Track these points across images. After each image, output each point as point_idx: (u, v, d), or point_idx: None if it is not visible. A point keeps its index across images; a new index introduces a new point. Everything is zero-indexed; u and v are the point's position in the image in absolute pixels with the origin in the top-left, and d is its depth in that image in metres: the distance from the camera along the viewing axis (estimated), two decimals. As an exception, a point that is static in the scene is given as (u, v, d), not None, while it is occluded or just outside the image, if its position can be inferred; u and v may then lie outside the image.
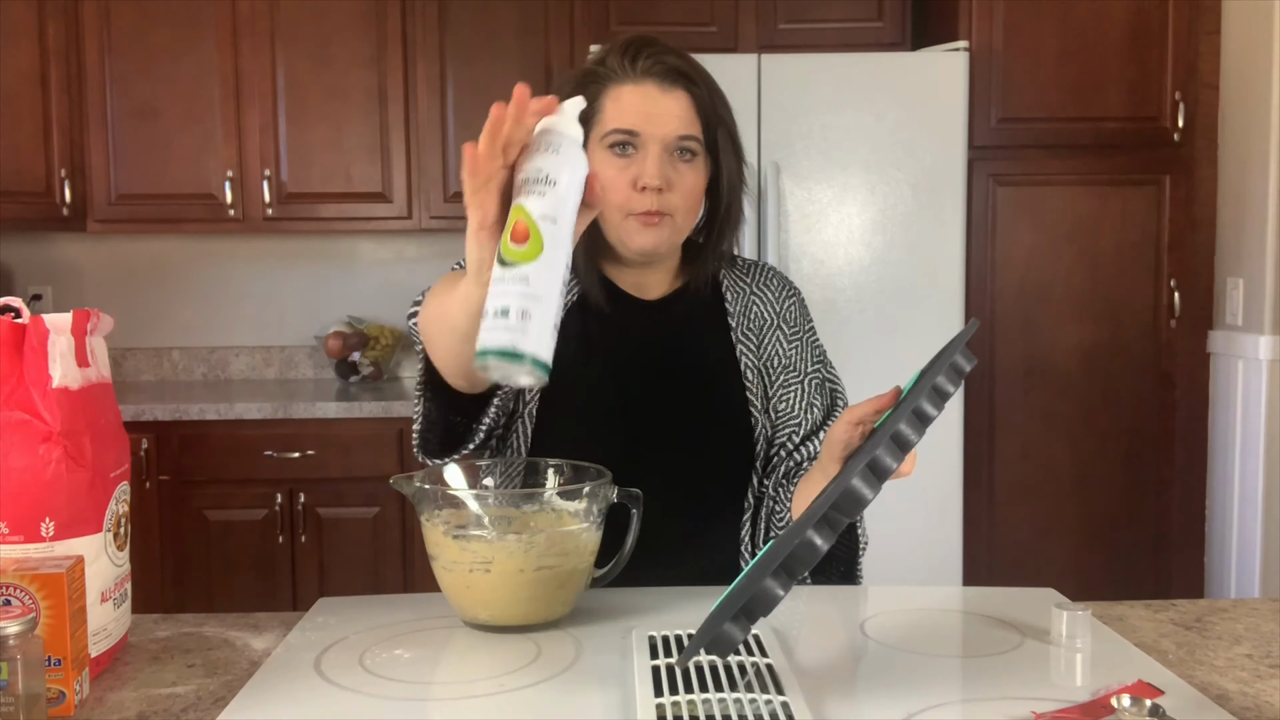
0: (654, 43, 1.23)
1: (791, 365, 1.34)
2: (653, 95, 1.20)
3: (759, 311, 1.35)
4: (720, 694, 0.84)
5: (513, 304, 0.81)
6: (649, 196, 1.19)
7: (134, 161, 3.09)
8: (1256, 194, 2.86)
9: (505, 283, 0.82)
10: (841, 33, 3.15)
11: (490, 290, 0.83)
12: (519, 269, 0.81)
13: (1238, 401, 2.93)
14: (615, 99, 1.21)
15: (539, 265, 0.82)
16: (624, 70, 1.21)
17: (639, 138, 1.20)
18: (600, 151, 1.21)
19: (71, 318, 0.97)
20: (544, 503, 1.09)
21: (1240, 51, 2.93)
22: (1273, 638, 1.07)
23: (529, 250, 0.81)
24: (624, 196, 1.20)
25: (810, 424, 1.32)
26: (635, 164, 1.20)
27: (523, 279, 0.81)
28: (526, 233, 0.81)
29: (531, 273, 0.81)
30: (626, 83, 1.21)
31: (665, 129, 1.20)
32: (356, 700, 0.89)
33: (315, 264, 3.46)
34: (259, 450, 2.86)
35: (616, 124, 1.20)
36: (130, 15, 3.05)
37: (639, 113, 1.20)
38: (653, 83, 1.20)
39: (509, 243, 0.82)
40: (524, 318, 0.81)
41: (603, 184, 1.11)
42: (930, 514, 2.85)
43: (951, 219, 2.82)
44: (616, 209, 1.21)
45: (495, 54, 3.09)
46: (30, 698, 0.80)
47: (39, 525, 0.93)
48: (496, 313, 0.81)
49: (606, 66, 1.22)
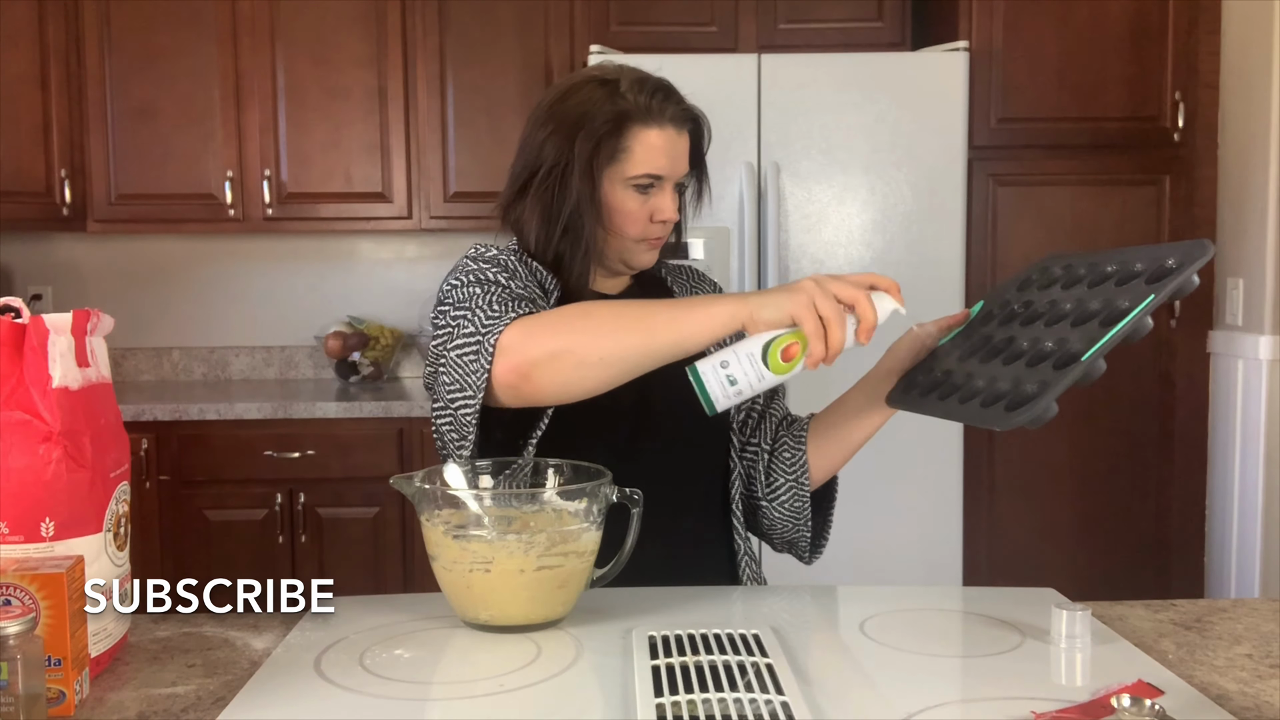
0: (665, 85, 1.32)
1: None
2: (673, 139, 1.31)
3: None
4: (720, 694, 0.84)
5: (741, 385, 1.07)
6: (663, 226, 1.33)
7: (134, 161, 3.09)
8: (1256, 194, 2.86)
9: (752, 369, 1.07)
10: (841, 33, 3.16)
11: (735, 356, 1.07)
12: (767, 373, 1.07)
13: (1238, 401, 2.93)
14: (644, 141, 1.29)
15: (774, 379, 1.07)
16: (651, 110, 1.29)
17: (662, 180, 1.31)
18: (625, 189, 1.30)
19: (71, 318, 0.97)
20: (544, 503, 1.09)
21: (1240, 51, 2.93)
22: (1273, 638, 1.07)
23: (783, 369, 1.07)
24: (642, 228, 1.32)
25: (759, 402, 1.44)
26: (653, 200, 1.31)
27: (762, 377, 1.07)
28: (792, 360, 1.06)
29: (768, 380, 1.07)
30: (653, 125, 1.29)
31: (678, 170, 1.32)
32: (356, 700, 0.89)
33: (315, 264, 3.45)
34: (259, 450, 2.86)
35: (648, 169, 1.29)
36: (130, 15, 3.05)
37: (667, 157, 1.30)
38: (674, 127, 1.31)
39: (779, 355, 1.06)
40: (738, 396, 1.08)
41: (625, 216, 1.30)
42: (930, 514, 2.85)
43: (951, 219, 2.82)
44: (633, 238, 1.32)
45: (495, 54, 3.09)
46: (30, 698, 0.80)
47: (39, 525, 0.93)
48: (729, 378, 1.07)
49: (631, 103, 1.29)
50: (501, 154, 3.04)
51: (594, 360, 1.11)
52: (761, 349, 1.06)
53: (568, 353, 1.12)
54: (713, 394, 1.07)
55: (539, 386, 1.14)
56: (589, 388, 1.14)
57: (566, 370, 1.12)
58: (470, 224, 3.11)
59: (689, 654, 0.94)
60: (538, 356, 1.13)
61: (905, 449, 2.84)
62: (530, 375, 1.13)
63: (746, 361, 1.07)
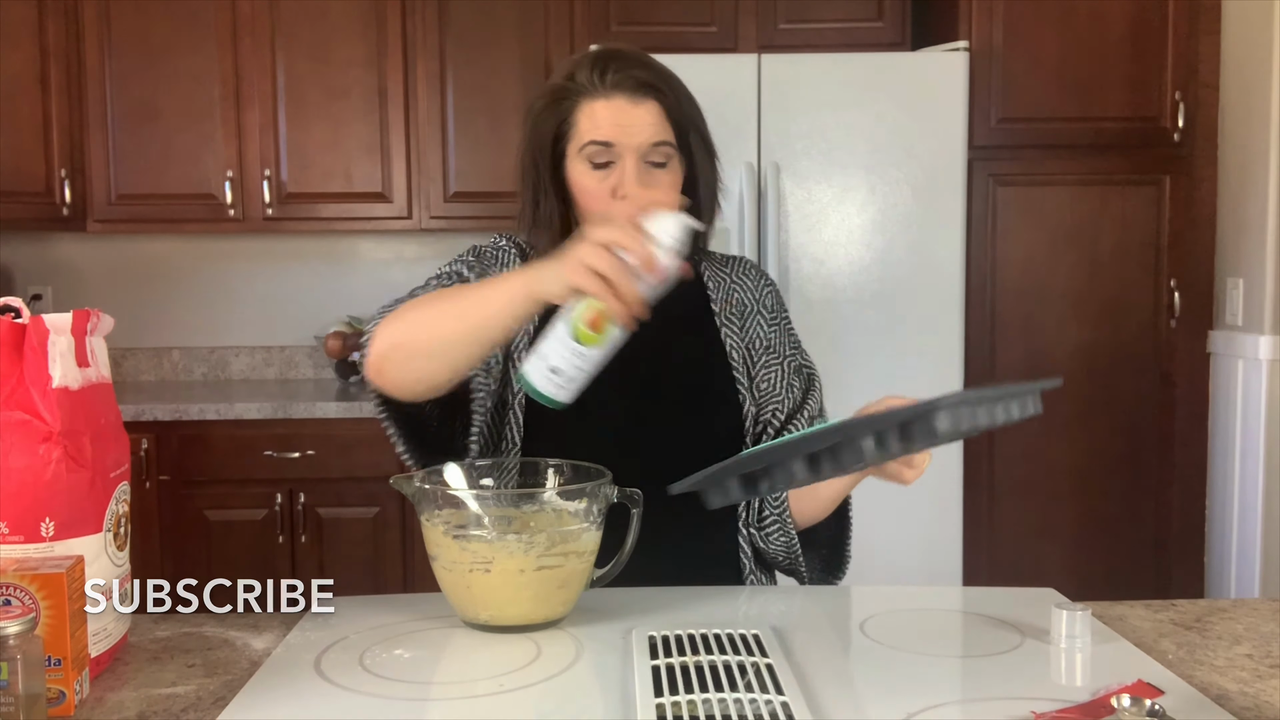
0: (620, 55, 1.27)
1: (772, 348, 1.39)
2: (624, 108, 1.24)
3: (740, 297, 1.40)
4: (720, 694, 0.84)
5: (565, 369, 1.02)
6: (629, 205, 1.22)
7: (134, 161, 3.08)
8: (1256, 194, 2.86)
9: (566, 351, 1.02)
10: (841, 33, 3.15)
11: (549, 344, 1.03)
12: (581, 348, 1.02)
13: (1238, 401, 2.93)
14: (589, 114, 1.25)
15: (596, 350, 1.03)
16: (594, 85, 1.25)
17: (614, 149, 1.24)
18: (579, 164, 1.26)
19: (71, 318, 0.97)
20: (544, 503, 1.09)
21: (1240, 51, 2.93)
22: (1273, 638, 1.06)
23: (597, 339, 1.02)
24: (604, 205, 1.24)
25: (791, 403, 1.37)
26: (613, 175, 1.24)
27: (580, 354, 1.02)
28: (599, 327, 1.01)
29: (589, 354, 1.02)
30: (598, 98, 1.25)
31: (639, 138, 1.24)
32: (356, 700, 0.89)
33: (315, 264, 3.45)
34: (259, 450, 2.85)
35: (591, 136, 1.24)
36: (130, 15, 3.05)
37: (613, 125, 1.24)
38: (623, 96, 1.24)
39: (583, 326, 1.01)
40: (570, 382, 1.03)
41: (585, 194, 1.25)
42: (930, 514, 2.85)
43: (951, 219, 2.82)
44: (599, 218, 1.24)
45: (495, 54, 3.09)
46: (30, 698, 0.80)
47: (39, 525, 0.93)
48: (551, 369, 1.02)
49: (576, 82, 1.26)
50: (501, 154, 3.07)
51: (422, 351, 1.11)
52: (569, 327, 1.02)
53: (400, 346, 1.13)
54: (542, 389, 1.03)
55: (391, 380, 1.15)
56: (429, 380, 1.12)
57: (403, 363, 1.13)
58: (470, 224, 3.11)
59: (689, 654, 0.94)
60: (382, 350, 1.14)
61: (905, 449, 2.84)
62: (382, 369, 1.15)
63: (558, 345, 1.03)
